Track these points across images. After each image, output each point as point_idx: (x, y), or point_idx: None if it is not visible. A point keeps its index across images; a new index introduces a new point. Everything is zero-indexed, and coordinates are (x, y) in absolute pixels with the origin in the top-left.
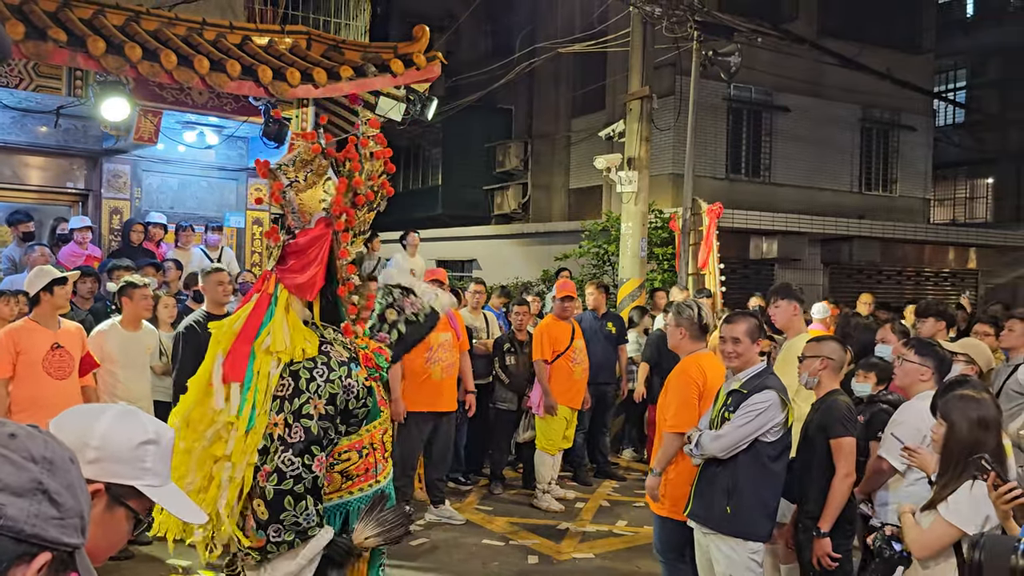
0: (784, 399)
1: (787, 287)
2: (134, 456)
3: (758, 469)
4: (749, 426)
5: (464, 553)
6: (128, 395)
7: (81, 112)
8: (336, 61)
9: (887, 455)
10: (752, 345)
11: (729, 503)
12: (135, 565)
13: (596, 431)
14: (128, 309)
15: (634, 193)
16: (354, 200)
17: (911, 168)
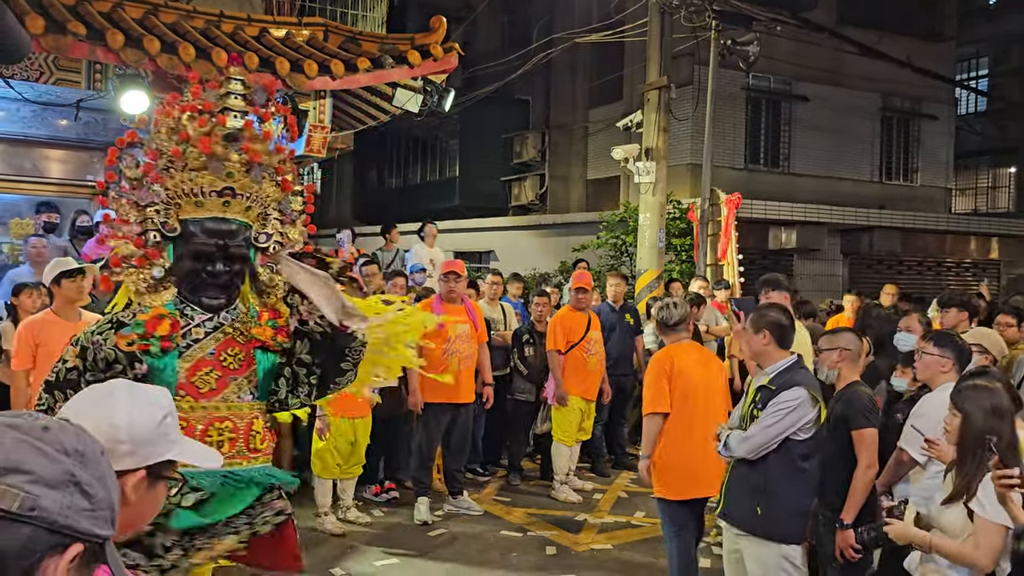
0: (815, 395)
1: (776, 278)
2: (160, 434)
3: (789, 469)
4: (777, 426)
5: (482, 544)
6: None
7: (101, 105)
8: (353, 53)
9: (907, 447)
10: (757, 336)
11: (759, 504)
12: None
13: (614, 422)
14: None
15: (652, 184)
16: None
17: (932, 157)
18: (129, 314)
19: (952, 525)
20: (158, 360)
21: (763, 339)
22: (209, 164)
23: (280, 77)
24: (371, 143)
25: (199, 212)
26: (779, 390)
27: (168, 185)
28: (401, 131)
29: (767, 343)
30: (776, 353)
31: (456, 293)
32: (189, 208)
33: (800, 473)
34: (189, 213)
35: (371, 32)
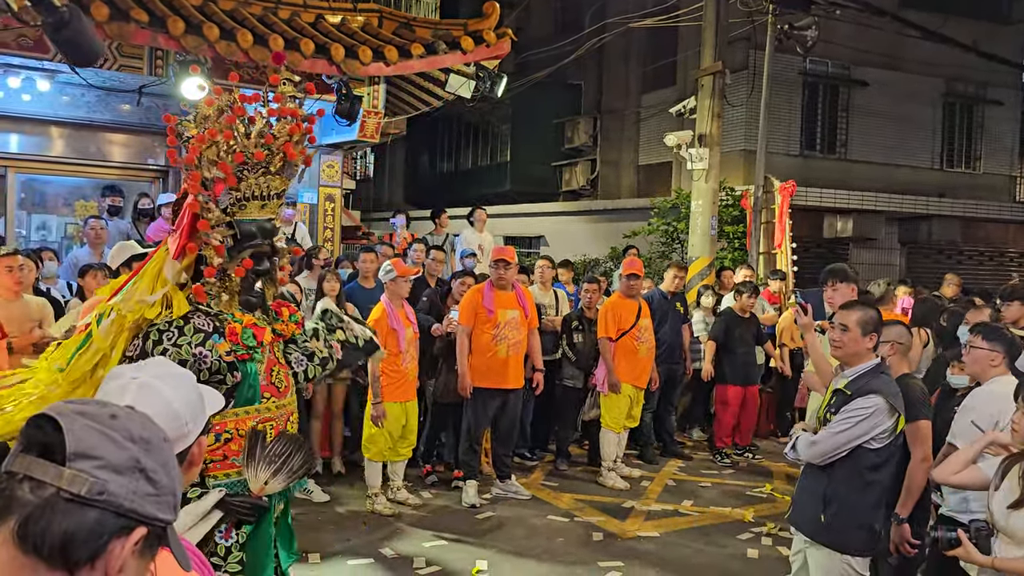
0: (893, 404)
1: (844, 269)
2: (199, 401)
3: (856, 478)
4: (846, 434)
5: (528, 529)
6: None
7: (161, 91)
8: (407, 39)
9: (957, 441)
10: (863, 338)
11: (824, 512)
12: None
13: (663, 410)
14: None
15: (705, 170)
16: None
17: (996, 144)
18: (205, 322)
19: (1020, 530)
20: (248, 365)
21: (869, 342)
22: (284, 169)
23: (335, 63)
24: (423, 128)
25: (259, 213)
26: (854, 396)
27: (241, 187)
28: (453, 116)
29: (870, 347)
30: (869, 356)
31: (506, 280)
32: (253, 210)
33: (869, 485)
34: (249, 215)
35: (424, 18)
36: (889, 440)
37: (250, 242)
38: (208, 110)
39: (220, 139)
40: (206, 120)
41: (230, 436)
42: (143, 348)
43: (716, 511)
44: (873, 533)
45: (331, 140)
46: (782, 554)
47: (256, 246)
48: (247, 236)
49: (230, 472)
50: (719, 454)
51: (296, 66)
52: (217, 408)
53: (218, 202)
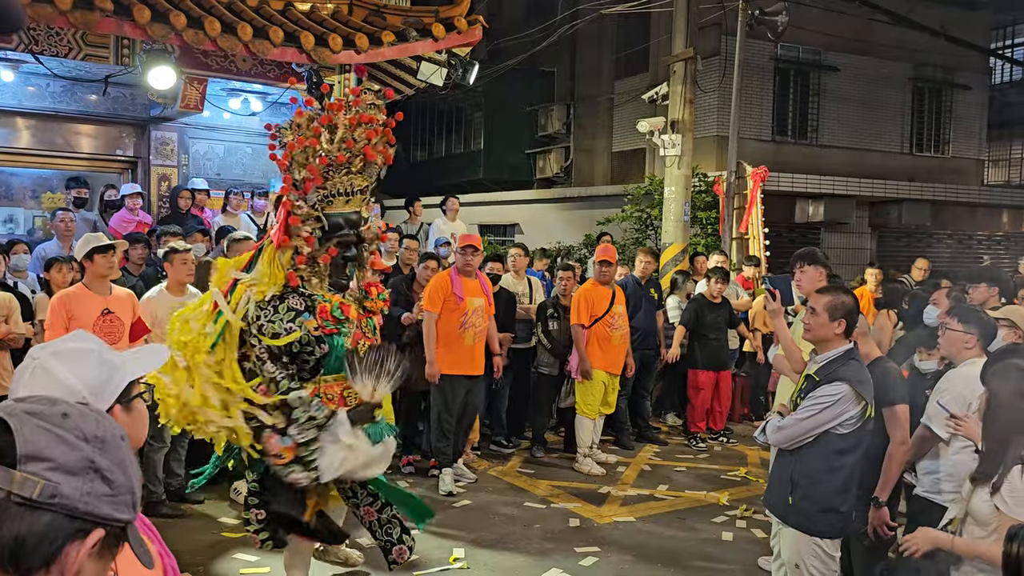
0: (859, 392)
1: (813, 252)
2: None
3: (824, 463)
4: (812, 420)
5: (505, 516)
6: None
7: (128, 80)
8: (378, 26)
9: (930, 423)
10: (831, 323)
11: (792, 495)
12: (186, 523)
13: (638, 396)
14: (171, 274)
15: (677, 156)
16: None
17: (964, 128)
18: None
19: (982, 512)
20: (336, 338)
21: (838, 327)
22: (365, 168)
23: (305, 51)
24: None
25: (344, 207)
26: (822, 382)
27: (327, 186)
28: (426, 104)
29: (839, 332)
30: (839, 341)
31: (472, 266)
32: (338, 204)
33: (836, 469)
34: (336, 209)
35: (395, 5)
36: (857, 426)
37: (337, 233)
38: (300, 119)
39: (308, 145)
40: (299, 128)
41: (325, 398)
42: (252, 321)
43: (691, 495)
44: (840, 516)
45: None
46: (756, 536)
47: (342, 236)
48: (334, 228)
49: None
50: (693, 439)
51: (265, 54)
52: (141, 373)
53: (307, 199)
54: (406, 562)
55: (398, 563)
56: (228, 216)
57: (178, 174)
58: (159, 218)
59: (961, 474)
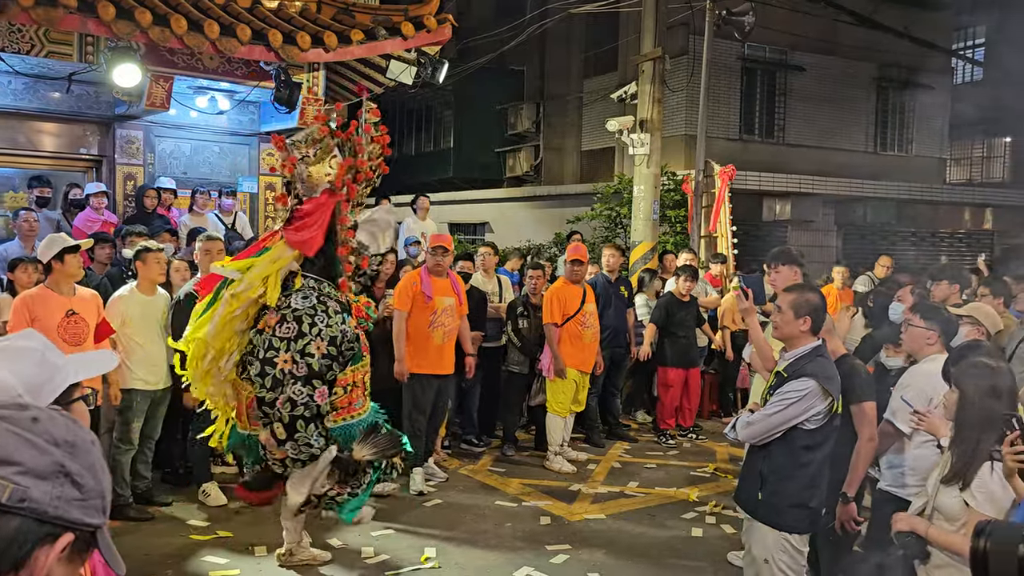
0: (826, 387)
1: (787, 252)
2: (49, 368)
3: (791, 458)
4: (779, 415)
5: (476, 515)
6: (146, 358)
7: (93, 78)
8: (346, 24)
9: (893, 418)
10: (796, 320)
11: (761, 490)
12: (154, 526)
13: (608, 393)
14: (142, 273)
15: (646, 156)
16: (355, 176)
17: (927, 127)
18: (336, 305)
19: (951, 508)
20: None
21: (803, 324)
22: (376, 181)
23: (273, 49)
24: None
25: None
26: (789, 378)
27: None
28: (395, 102)
29: (805, 329)
30: (806, 338)
31: (443, 267)
32: (355, 214)
33: (803, 465)
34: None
35: (364, 3)
36: (824, 421)
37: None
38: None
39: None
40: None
41: (351, 386)
42: (299, 330)
43: (661, 492)
44: (809, 511)
45: (270, 128)
46: (726, 532)
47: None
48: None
49: (350, 416)
50: (663, 436)
51: (232, 52)
52: (84, 376)
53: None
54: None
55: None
56: (195, 215)
57: (144, 173)
58: (124, 218)
59: (924, 468)
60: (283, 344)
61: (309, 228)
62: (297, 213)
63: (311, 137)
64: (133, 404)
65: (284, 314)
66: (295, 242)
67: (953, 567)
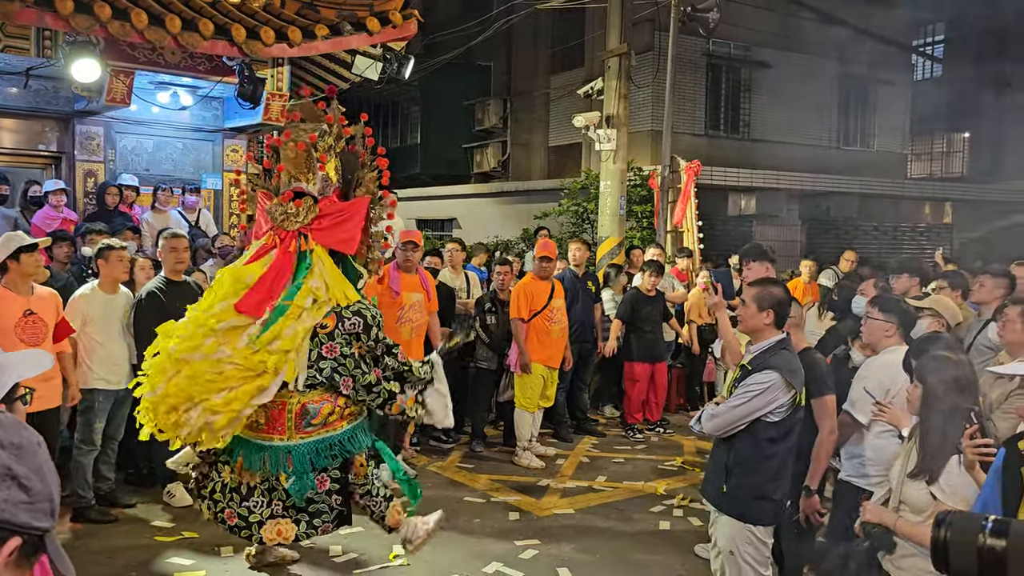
0: (789, 380)
1: (759, 248)
2: None
3: (755, 450)
4: (743, 407)
5: (446, 511)
6: (107, 358)
7: (51, 73)
8: (311, 19)
9: (851, 409)
10: (759, 313)
11: (726, 483)
12: (118, 528)
13: (576, 388)
14: (105, 272)
15: (613, 151)
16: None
17: (889, 123)
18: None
19: (918, 501)
20: None
21: (766, 317)
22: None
23: (236, 44)
24: None
25: None
26: (754, 371)
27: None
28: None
29: (769, 322)
30: (770, 332)
31: (412, 262)
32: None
33: (768, 457)
34: None
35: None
36: (787, 414)
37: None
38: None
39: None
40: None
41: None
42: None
43: (629, 486)
44: (773, 503)
45: (234, 124)
46: (693, 525)
47: None
48: None
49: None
50: (631, 430)
51: (195, 47)
52: (27, 375)
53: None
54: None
55: (395, 529)
56: (157, 213)
57: (105, 170)
58: (85, 215)
59: (885, 458)
60: (352, 337)
61: (346, 227)
62: (327, 210)
63: (324, 131)
64: (95, 404)
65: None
66: (335, 241)
67: (918, 556)
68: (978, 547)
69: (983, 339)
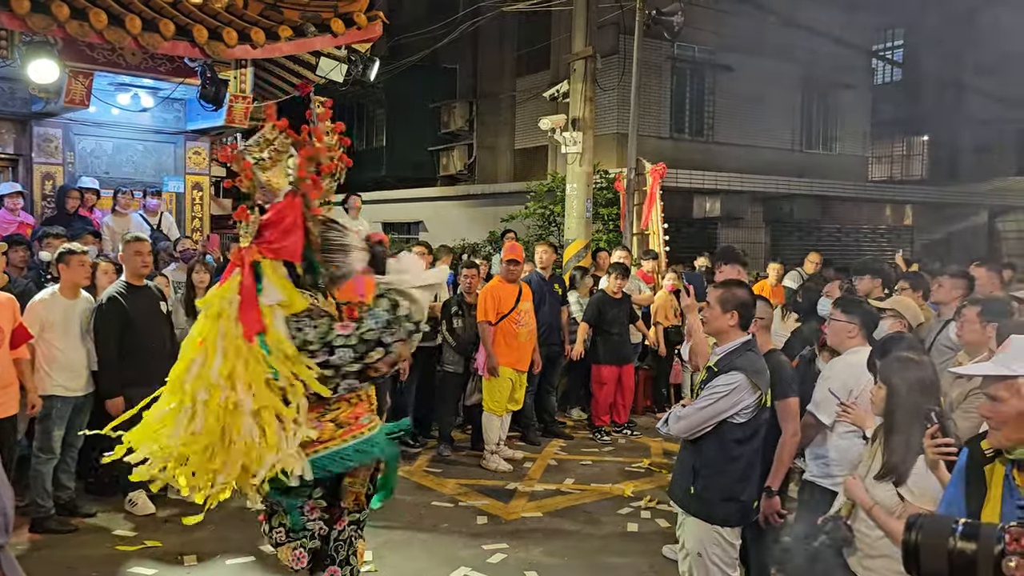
0: (754, 381)
1: (731, 251)
2: None
3: (721, 452)
4: (709, 409)
5: (413, 516)
6: (67, 364)
7: (7, 74)
8: (274, 20)
9: (815, 410)
10: (723, 315)
11: (694, 484)
12: (78, 538)
13: (543, 391)
14: (66, 276)
15: (579, 154)
16: (318, 169)
17: (850, 126)
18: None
19: (886, 502)
20: None
21: (730, 319)
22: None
23: (198, 45)
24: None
25: None
26: (719, 372)
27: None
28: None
29: (733, 324)
30: (735, 333)
31: None
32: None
33: (734, 459)
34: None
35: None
36: (753, 415)
37: None
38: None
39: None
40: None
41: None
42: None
43: (597, 488)
44: (740, 504)
45: (196, 126)
46: (660, 527)
47: None
48: None
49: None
50: (598, 432)
51: (155, 48)
52: None
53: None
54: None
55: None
56: (118, 216)
57: (63, 172)
58: (43, 219)
59: (849, 459)
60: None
61: (286, 234)
62: (264, 223)
63: (263, 138)
64: (52, 411)
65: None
66: (277, 253)
67: (889, 558)
68: (948, 550)
69: (943, 339)
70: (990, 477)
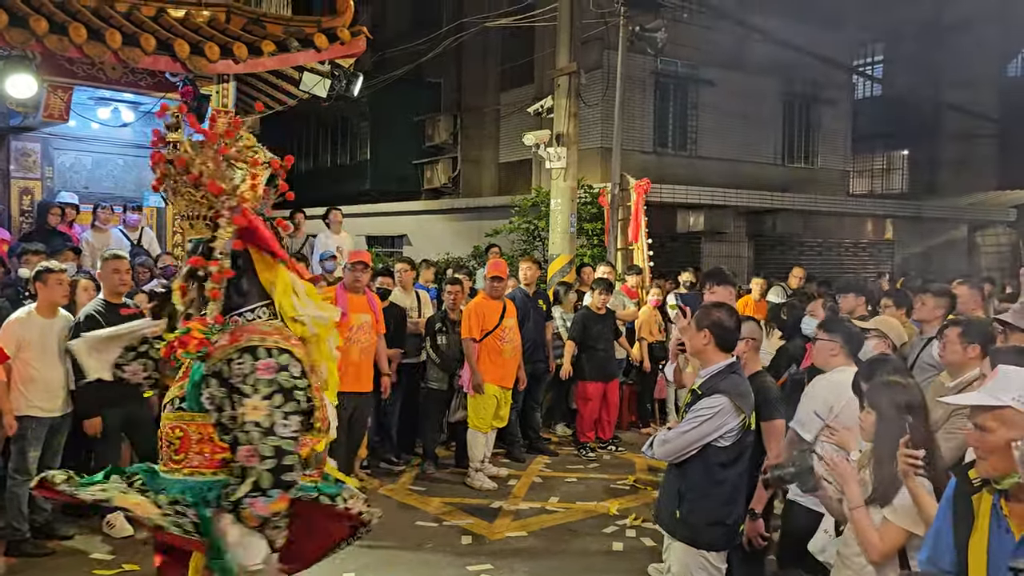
0: (738, 404)
1: (721, 272)
2: None
3: (706, 475)
4: (693, 432)
5: (397, 536)
6: (44, 385)
7: None
8: (257, 35)
9: (798, 428)
10: (696, 333)
11: (679, 508)
12: (55, 561)
13: (528, 407)
14: (43, 295)
15: (563, 169)
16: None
17: (831, 141)
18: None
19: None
20: None
21: (703, 338)
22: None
23: (179, 60)
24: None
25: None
26: (703, 395)
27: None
28: (310, 114)
29: (707, 343)
30: (715, 355)
31: (361, 283)
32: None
33: (719, 482)
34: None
35: (276, 14)
36: (737, 438)
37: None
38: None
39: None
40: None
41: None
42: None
43: (582, 506)
44: (727, 528)
45: None
46: (646, 545)
47: None
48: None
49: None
50: (583, 448)
51: (136, 62)
52: None
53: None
54: None
55: None
56: (97, 231)
57: (42, 187)
58: (21, 234)
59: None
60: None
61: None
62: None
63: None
64: (28, 432)
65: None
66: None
67: None
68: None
69: (926, 356)
70: (978, 507)
